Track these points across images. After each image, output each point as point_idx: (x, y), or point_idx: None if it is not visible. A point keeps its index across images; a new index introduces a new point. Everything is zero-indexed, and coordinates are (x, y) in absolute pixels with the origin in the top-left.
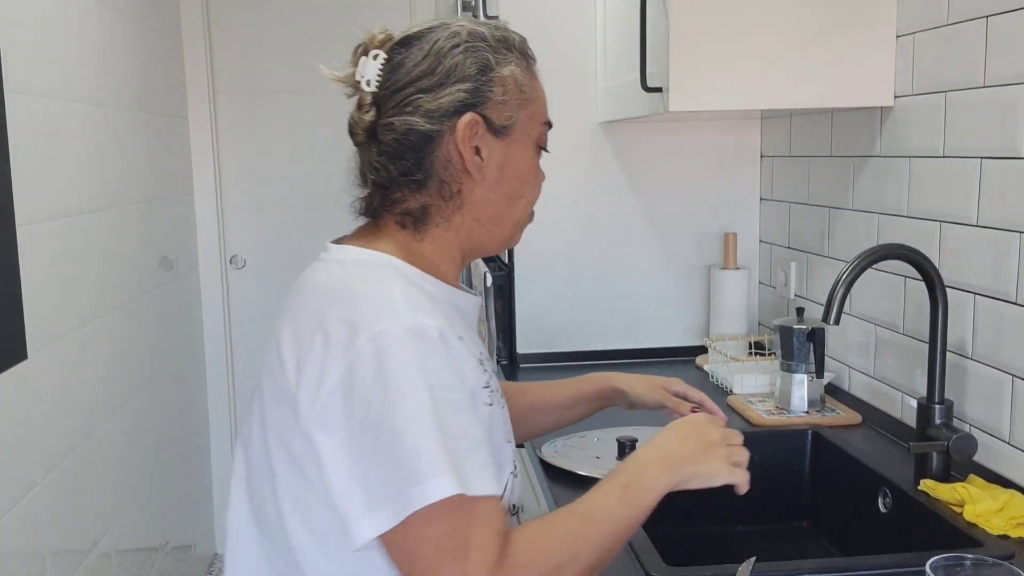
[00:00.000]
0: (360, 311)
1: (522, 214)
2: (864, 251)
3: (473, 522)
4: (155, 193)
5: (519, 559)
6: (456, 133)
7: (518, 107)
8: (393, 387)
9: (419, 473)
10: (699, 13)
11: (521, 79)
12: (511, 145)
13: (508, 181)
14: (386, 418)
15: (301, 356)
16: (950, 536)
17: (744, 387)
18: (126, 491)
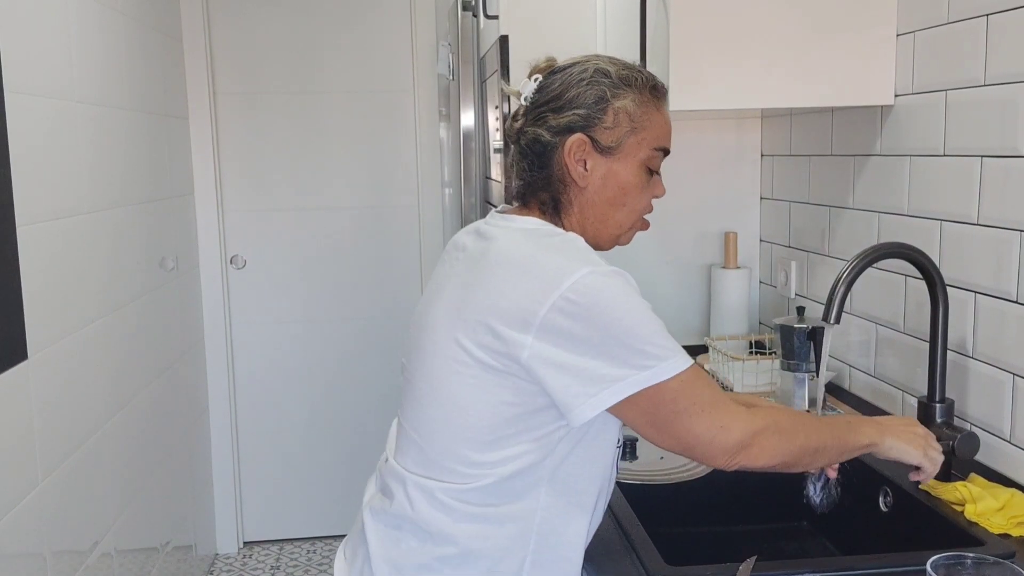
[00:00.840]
0: (571, 260)
1: (624, 219)
2: (865, 250)
3: (706, 380)
4: (155, 193)
5: (763, 412)
6: (565, 148)
7: (627, 133)
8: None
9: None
10: (699, 12)
11: (634, 111)
12: (616, 162)
13: (610, 190)
14: (619, 319)
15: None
16: (951, 535)
17: (745, 386)
18: (127, 491)
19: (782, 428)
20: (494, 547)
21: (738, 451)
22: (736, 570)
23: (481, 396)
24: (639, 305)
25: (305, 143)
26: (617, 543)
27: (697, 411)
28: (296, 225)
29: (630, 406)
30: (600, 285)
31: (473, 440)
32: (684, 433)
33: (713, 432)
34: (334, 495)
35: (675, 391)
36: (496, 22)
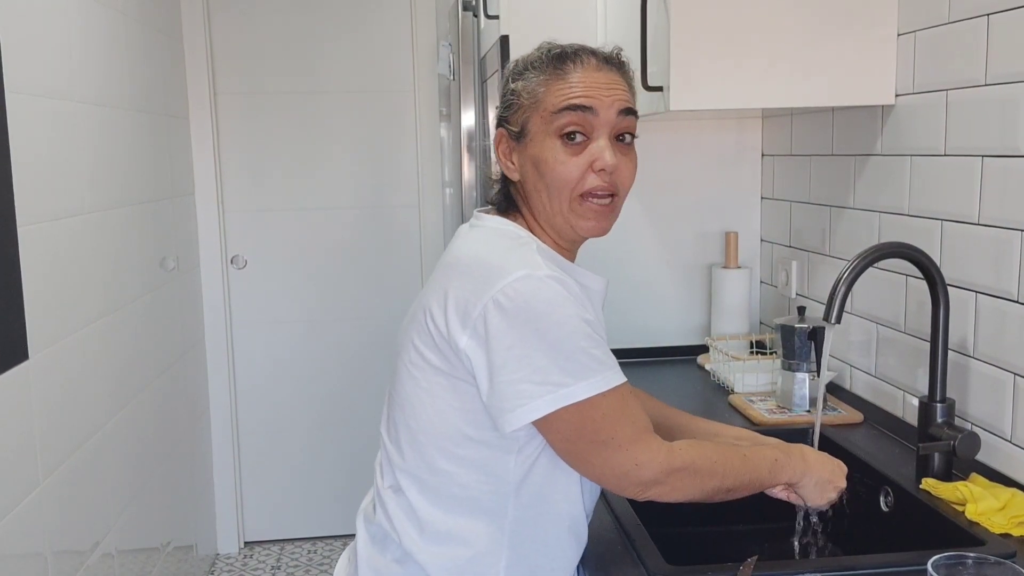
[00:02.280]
0: (510, 263)
1: (560, 200)
2: (865, 250)
3: (630, 410)
4: (156, 194)
5: (684, 453)
6: (495, 146)
7: (528, 113)
8: (546, 308)
9: (580, 371)
10: (700, 12)
11: (531, 88)
12: (529, 144)
13: (532, 174)
14: (546, 328)
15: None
16: (952, 535)
17: (745, 386)
18: (128, 491)
19: (699, 469)
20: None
21: (649, 487)
22: (737, 570)
23: (432, 400)
24: (574, 317)
25: (306, 143)
26: (618, 543)
27: (616, 445)
28: (297, 225)
29: (549, 426)
30: (533, 289)
31: (431, 446)
32: (599, 465)
33: (627, 468)
34: (335, 495)
35: (595, 420)
36: (497, 22)
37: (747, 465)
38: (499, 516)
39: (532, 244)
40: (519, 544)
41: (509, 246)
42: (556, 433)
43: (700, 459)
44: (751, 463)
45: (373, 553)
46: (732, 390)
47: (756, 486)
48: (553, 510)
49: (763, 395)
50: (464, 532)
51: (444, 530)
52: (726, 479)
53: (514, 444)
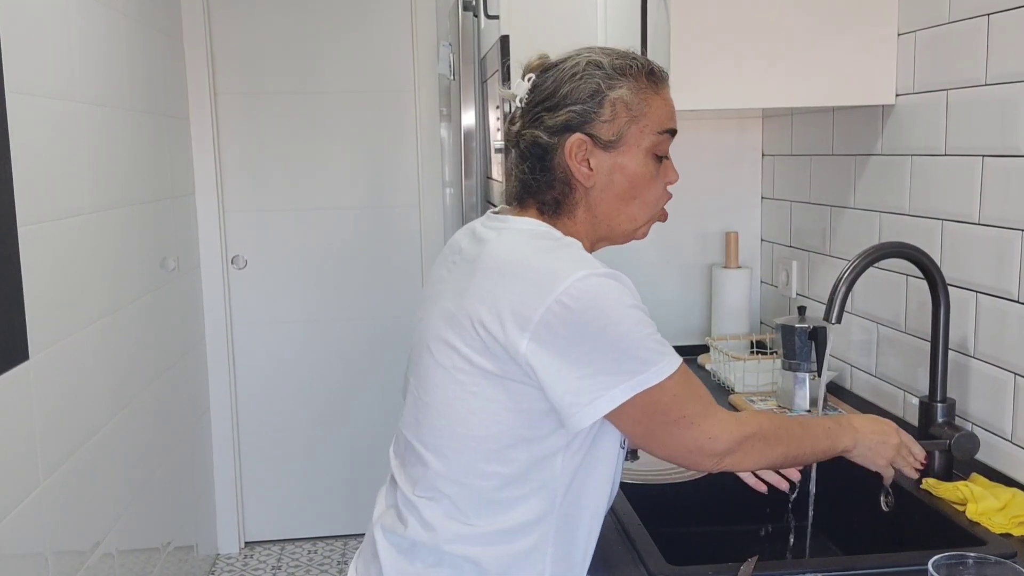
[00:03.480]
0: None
1: (639, 212)
2: (866, 249)
3: (694, 386)
4: (156, 194)
5: (749, 420)
6: (565, 149)
7: (626, 123)
8: (610, 305)
9: (649, 358)
10: (700, 12)
11: (630, 99)
12: (620, 155)
13: (619, 185)
14: (613, 324)
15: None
16: (952, 535)
17: (746, 386)
18: (128, 491)
19: (766, 435)
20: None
21: (724, 457)
22: (738, 570)
23: (482, 404)
24: (635, 309)
25: (306, 143)
26: (619, 543)
27: (687, 423)
28: (297, 225)
29: (623, 414)
30: (596, 288)
31: (478, 450)
32: (674, 443)
33: (701, 442)
34: (335, 495)
35: (666, 402)
36: (497, 22)
37: (807, 432)
38: (547, 512)
39: (576, 244)
40: (561, 538)
41: (552, 247)
42: (629, 419)
43: (767, 425)
44: (810, 429)
45: (402, 564)
46: (732, 390)
47: (819, 453)
48: (588, 504)
49: (764, 395)
50: (515, 530)
51: (493, 530)
52: (791, 445)
53: (562, 442)
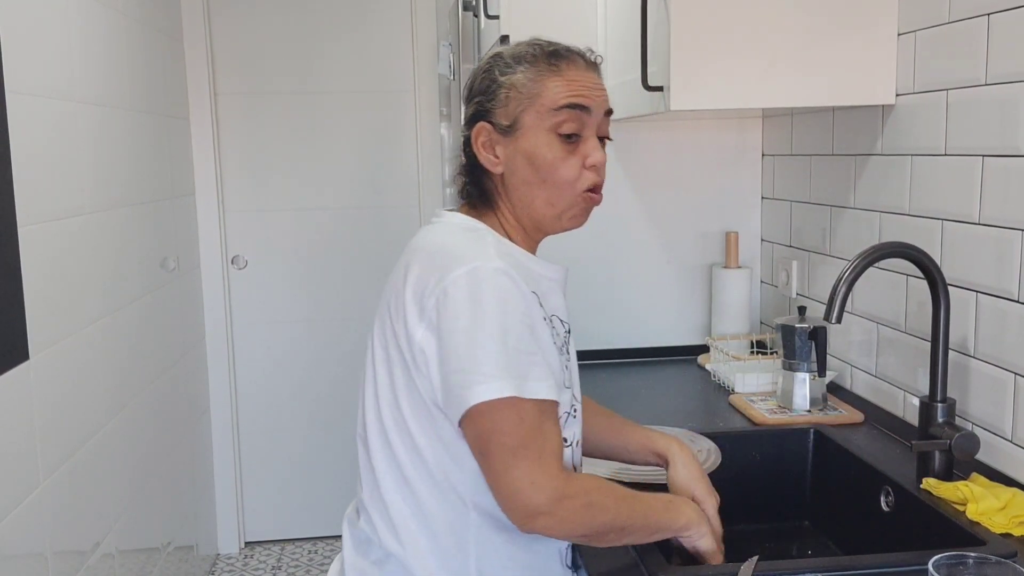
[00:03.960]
0: (464, 254)
1: (554, 196)
2: (866, 249)
3: (547, 427)
4: (156, 194)
5: (582, 482)
6: (472, 137)
7: (522, 108)
8: (493, 300)
9: (483, 374)
10: (700, 12)
11: (523, 83)
12: (520, 140)
13: (523, 169)
14: (491, 319)
15: (420, 287)
16: (953, 535)
17: (746, 386)
18: (128, 491)
19: (592, 502)
20: (437, 562)
21: (538, 515)
22: (738, 570)
23: (393, 392)
24: (517, 310)
25: (306, 143)
26: None
27: (522, 455)
28: (297, 225)
29: (474, 420)
30: (482, 279)
31: (400, 445)
32: (501, 471)
33: (524, 483)
34: (335, 495)
35: (514, 423)
36: (497, 22)
37: (642, 505)
38: (463, 512)
39: (488, 236)
40: (487, 539)
41: (468, 238)
42: (475, 428)
43: (595, 493)
44: (646, 503)
45: (356, 557)
46: (732, 390)
47: (653, 527)
48: None
49: (764, 395)
50: (433, 530)
51: (415, 528)
52: (619, 516)
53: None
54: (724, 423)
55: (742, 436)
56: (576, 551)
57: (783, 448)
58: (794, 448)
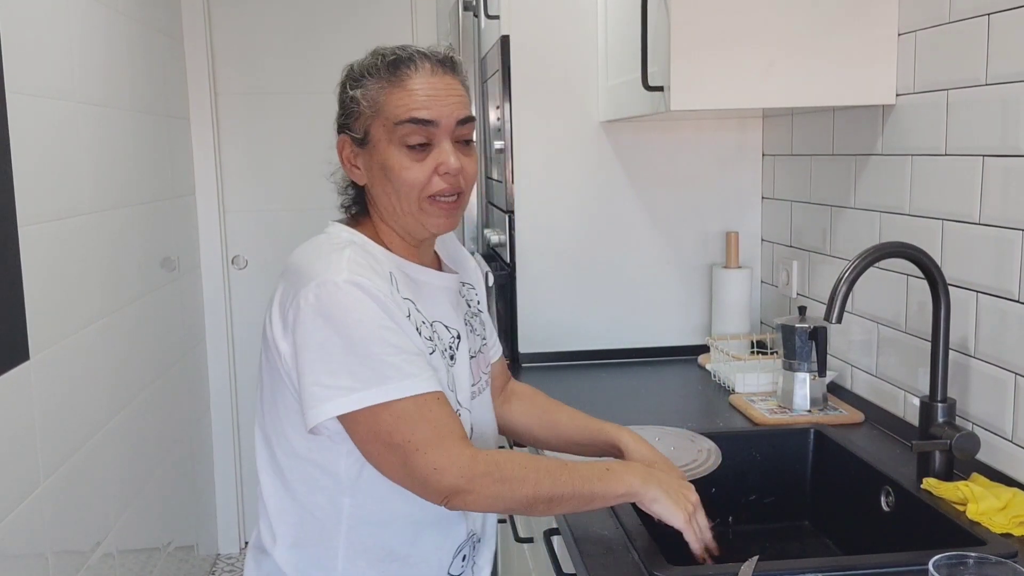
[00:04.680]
0: (316, 269)
1: (407, 202)
2: (866, 249)
3: (431, 416)
4: (157, 194)
5: (493, 459)
6: (339, 151)
7: (369, 120)
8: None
9: (340, 388)
10: (700, 12)
11: (371, 95)
12: (373, 150)
13: (379, 178)
14: (338, 333)
15: (283, 302)
16: (953, 535)
17: (746, 386)
18: (129, 491)
19: (505, 476)
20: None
21: (452, 495)
22: (738, 570)
23: (273, 400)
24: (370, 320)
25: (306, 143)
26: (618, 542)
27: (412, 449)
28: (297, 225)
29: (352, 428)
30: (329, 294)
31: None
32: (399, 468)
33: (426, 473)
34: None
35: (390, 423)
36: (497, 22)
37: (571, 474)
38: (335, 511)
39: (346, 250)
40: (356, 539)
41: (325, 251)
42: (355, 435)
43: (508, 465)
44: (578, 472)
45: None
46: (733, 390)
47: (588, 496)
48: (391, 508)
49: (764, 395)
50: (304, 528)
51: (288, 524)
52: (540, 486)
53: (343, 442)
54: (724, 423)
55: (742, 436)
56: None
57: (783, 448)
58: (794, 448)
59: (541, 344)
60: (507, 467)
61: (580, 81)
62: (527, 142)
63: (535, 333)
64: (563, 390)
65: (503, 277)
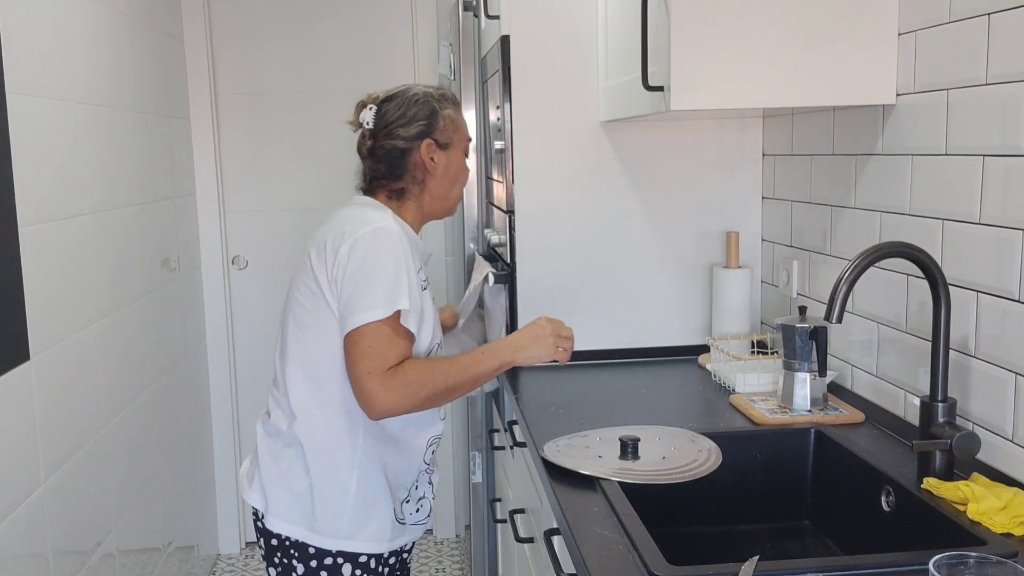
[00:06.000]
0: (371, 218)
1: (459, 191)
2: (866, 249)
3: (388, 342)
4: (157, 194)
5: (405, 373)
6: (420, 149)
7: (453, 132)
8: (377, 251)
9: (382, 301)
10: (700, 11)
11: (453, 115)
12: (450, 154)
13: (450, 175)
14: (372, 267)
15: (331, 243)
16: (953, 534)
17: (747, 386)
18: (129, 492)
19: (411, 380)
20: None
21: (373, 399)
22: (738, 569)
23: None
24: (390, 261)
25: (306, 143)
26: (619, 542)
27: (366, 355)
28: (298, 225)
29: (352, 337)
30: (371, 239)
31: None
32: (351, 368)
33: (362, 373)
34: None
35: (369, 334)
36: (497, 22)
37: (456, 365)
38: (354, 411)
39: (388, 213)
40: (372, 426)
41: (373, 211)
42: (348, 342)
43: (412, 371)
44: (460, 363)
45: (269, 443)
46: (733, 390)
47: (474, 379)
48: None
49: (764, 395)
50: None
51: (315, 412)
52: (437, 383)
53: None
54: (725, 423)
55: (742, 436)
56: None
57: (784, 448)
58: (795, 448)
59: None
60: (411, 373)
61: (580, 81)
62: (527, 142)
63: None
64: (563, 390)
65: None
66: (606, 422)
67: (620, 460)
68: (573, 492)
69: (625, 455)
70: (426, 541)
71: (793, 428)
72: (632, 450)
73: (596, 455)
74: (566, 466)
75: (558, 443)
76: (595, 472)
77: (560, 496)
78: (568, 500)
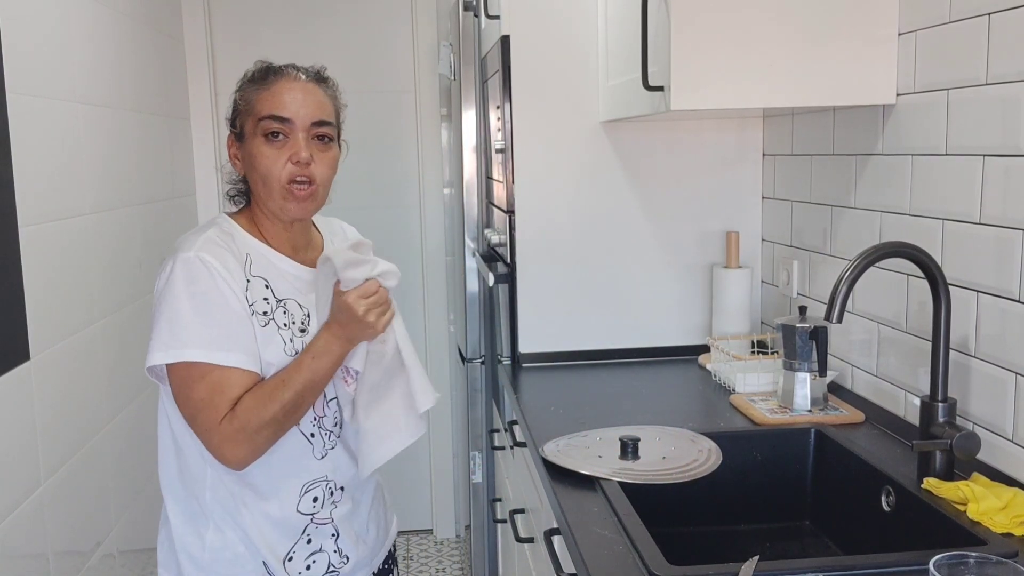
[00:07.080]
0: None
1: (272, 188)
2: (867, 249)
3: (215, 386)
4: (157, 194)
5: (238, 418)
6: (227, 147)
7: (244, 117)
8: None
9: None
10: (701, 12)
11: (246, 96)
12: (247, 143)
13: (250, 167)
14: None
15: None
16: (953, 534)
17: (747, 386)
18: (129, 492)
19: (247, 422)
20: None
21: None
22: (738, 570)
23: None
24: (204, 290)
25: None
26: (619, 542)
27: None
28: None
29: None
30: (178, 267)
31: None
32: (191, 425)
33: (200, 432)
34: None
35: (177, 382)
36: (497, 22)
37: (293, 376)
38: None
39: (209, 230)
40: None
41: (194, 232)
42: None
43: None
44: (295, 372)
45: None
46: (733, 390)
47: (319, 384)
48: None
49: (765, 395)
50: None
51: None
52: (280, 410)
53: None
54: (725, 423)
55: (743, 436)
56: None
57: (784, 448)
58: (795, 448)
59: (541, 344)
60: (242, 414)
61: (580, 81)
62: (527, 142)
63: (535, 333)
64: (563, 390)
65: (504, 277)
66: (606, 422)
67: (620, 460)
68: (573, 492)
69: (625, 455)
70: (426, 541)
71: (793, 428)
72: (632, 450)
73: (596, 455)
74: (566, 466)
75: (558, 443)
76: (595, 472)
77: (560, 496)
78: (568, 500)
